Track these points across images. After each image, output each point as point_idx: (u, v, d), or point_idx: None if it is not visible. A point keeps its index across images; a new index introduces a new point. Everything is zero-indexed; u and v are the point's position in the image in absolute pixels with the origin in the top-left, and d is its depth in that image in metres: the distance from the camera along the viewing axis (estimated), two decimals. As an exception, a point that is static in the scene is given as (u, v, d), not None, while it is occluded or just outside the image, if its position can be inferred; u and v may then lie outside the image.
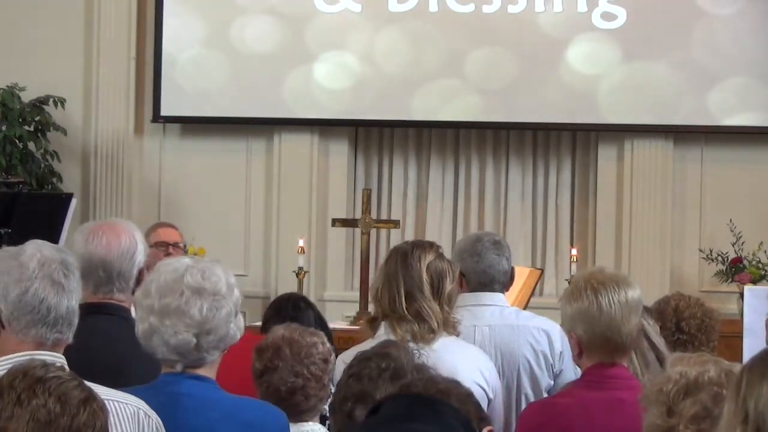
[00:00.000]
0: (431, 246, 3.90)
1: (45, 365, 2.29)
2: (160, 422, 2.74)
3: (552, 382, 4.22)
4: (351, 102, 8.42)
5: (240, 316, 2.98)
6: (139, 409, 2.71)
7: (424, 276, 3.78)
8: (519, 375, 4.19)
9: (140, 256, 3.50)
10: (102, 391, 2.61)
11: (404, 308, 3.76)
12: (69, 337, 2.77)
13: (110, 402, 2.63)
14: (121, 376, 3.11)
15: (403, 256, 3.83)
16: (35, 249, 2.78)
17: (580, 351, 3.33)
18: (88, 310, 3.47)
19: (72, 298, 2.77)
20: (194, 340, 2.88)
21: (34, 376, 2.24)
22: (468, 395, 2.51)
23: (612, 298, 3.28)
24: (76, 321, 2.79)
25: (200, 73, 8.55)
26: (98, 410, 2.25)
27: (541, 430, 3.31)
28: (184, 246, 5.83)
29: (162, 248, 5.46)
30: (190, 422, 2.88)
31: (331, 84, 8.41)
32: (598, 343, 3.29)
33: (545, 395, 4.19)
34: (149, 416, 2.72)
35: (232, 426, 2.90)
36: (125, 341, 2.95)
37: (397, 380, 2.82)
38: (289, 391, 3.35)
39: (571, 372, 4.19)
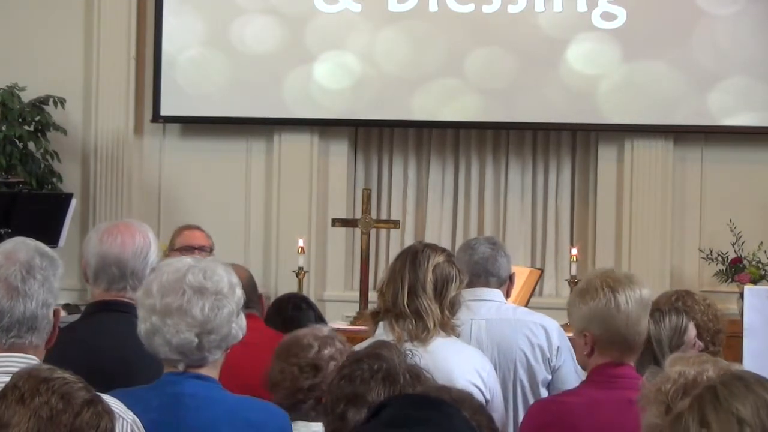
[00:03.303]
0: (443, 250, 3.92)
1: (51, 368, 2.28)
2: (138, 422, 2.70)
3: (549, 377, 4.24)
4: (351, 102, 8.42)
5: (242, 316, 2.98)
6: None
7: (429, 276, 3.80)
8: (515, 368, 4.22)
9: (153, 256, 3.52)
10: None
11: (405, 303, 3.78)
12: (33, 340, 2.73)
13: None
14: (130, 374, 3.12)
15: (413, 255, 3.86)
16: None
17: (591, 350, 3.33)
18: (99, 307, 3.49)
19: (32, 301, 2.71)
20: (196, 340, 2.88)
21: (39, 377, 2.24)
22: (480, 406, 2.51)
23: (629, 296, 3.30)
24: (44, 324, 2.74)
25: (200, 73, 8.55)
26: (103, 412, 2.25)
27: (548, 428, 3.30)
28: (211, 249, 5.74)
29: (187, 252, 5.39)
30: (191, 422, 2.88)
31: (331, 84, 8.41)
32: (614, 342, 3.30)
33: (542, 389, 4.22)
34: (123, 418, 2.65)
35: (234, 425, 2.90)
36: (136, 340, 2.95)
37: (390, 382, 2.82)
38: (273, 384, 3.37)
39: (571, 367, 4.22)
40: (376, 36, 8.37)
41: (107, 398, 2.48)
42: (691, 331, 3.72)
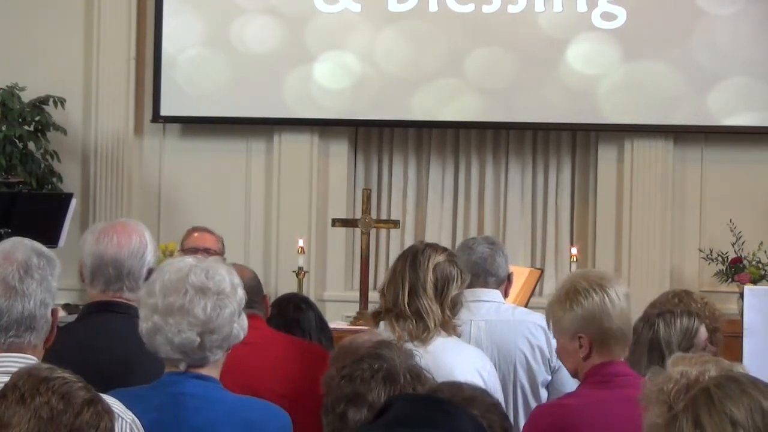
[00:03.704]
0: (444, 250, 3.92)
1: (50, 367, 2.28)
2: (137, 422, 2.70)
3: (549, 377, 4.24)
4: (351, 102, 8.42)
5: (243, 316, 2.98)
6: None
7: (430, 275, 3.80)
8: (515, 369, 4.23)
9: (150, 256, 3.51)
10: None
11: (406, 303, 3.78)
12: (32, 340, 2.73)
13: None
14: (130, 374, 3.12)
15: (414, 255, 3.86)
16: None
17: (589, 352, 3.32)
18: (96, 308, 3.48)
19: (30, 301, 2.71)
20: (198, 339, 2.89)
21: (39, 377, 2.24)
22: (493, 405, 2.50)
23: (617, 292, 3.34)
24: (42, 324, 2.74)
25: (200, 73, 8.55)
26: (103, 412, 2.24)
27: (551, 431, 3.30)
28: (219, 251, 5.68)
29: (191, 254, 5.37)
30: (191, 422, 2.88)
31: (331, 84, 8.41)
32: (612, 339, 3.31)
33: (542, 389, 4.23)
34: (122, 417, 2.64)
35: (234, 425, 2.90)
36: (134, 340, 2.95)
37: (390, 382, 2.81)
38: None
39: None
40: (376, 36, 8.37)
41: (107, 398, 2.48)
42: (702, 334, 3.71)
